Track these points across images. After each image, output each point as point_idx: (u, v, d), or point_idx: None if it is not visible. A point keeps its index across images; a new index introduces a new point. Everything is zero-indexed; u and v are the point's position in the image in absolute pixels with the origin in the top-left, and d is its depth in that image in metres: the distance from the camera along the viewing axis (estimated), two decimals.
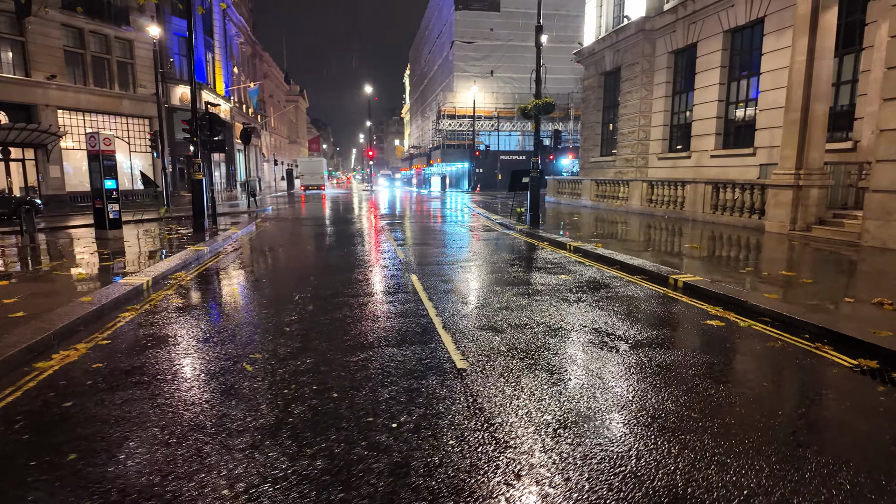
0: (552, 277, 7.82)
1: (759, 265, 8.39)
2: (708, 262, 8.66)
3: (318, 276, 8.20)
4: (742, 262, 8.63)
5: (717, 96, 17.41)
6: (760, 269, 8.03)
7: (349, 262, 9.37)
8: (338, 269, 8.84)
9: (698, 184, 15.22)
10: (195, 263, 9.30)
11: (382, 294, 6.81)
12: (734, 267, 8.15)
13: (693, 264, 8.34)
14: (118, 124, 32.72)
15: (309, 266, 9.33)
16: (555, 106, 14.05)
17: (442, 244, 11.72)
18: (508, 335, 5.02)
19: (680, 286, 7.03)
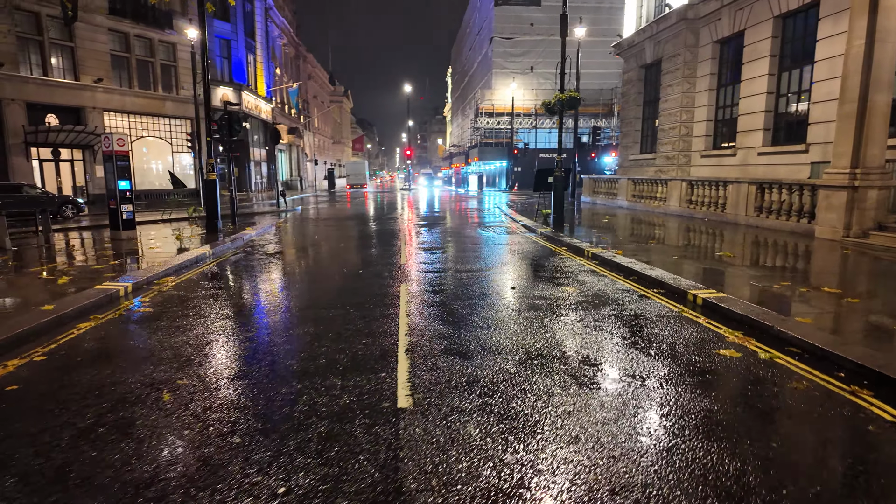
0: (556, 290, 7.04)
1: (799, 278, 7.32)
2: (740, 273, 7.66)
3: (304, 284, 7.72)
4: (780, 275, 7.57)
5: (766, 88, 15.96)
6: (800, 283, 6.97)
7: (344, 268, 8.87)
8: (328, 276, 8.35)
9: (741, 184, 13.93)
10: (191, 267, 9.03)
11: (359, 308, 6.24)
12: (770, 280, 7.13)
13: (722, 276, 7.36)
14: (161, 125, 33.67)
15: (301, 271, 8.88)
16: (580, 100, 13.12)
17: (450, 248, 11.07)
18: (476, 363, 4.34)
19: (699, 304, 6.13)
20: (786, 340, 4.79)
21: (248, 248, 11.39)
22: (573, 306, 6.16)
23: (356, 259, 9.90)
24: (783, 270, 7.97)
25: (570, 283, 7.44)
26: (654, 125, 22.20)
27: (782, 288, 6.62)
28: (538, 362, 4.35)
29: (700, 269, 8.04)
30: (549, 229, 13.20)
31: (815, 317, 5.36)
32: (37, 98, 26.47)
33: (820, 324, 5.10)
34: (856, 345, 4.46)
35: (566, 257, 9.74)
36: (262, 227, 15.03)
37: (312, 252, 11.03)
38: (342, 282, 7.77)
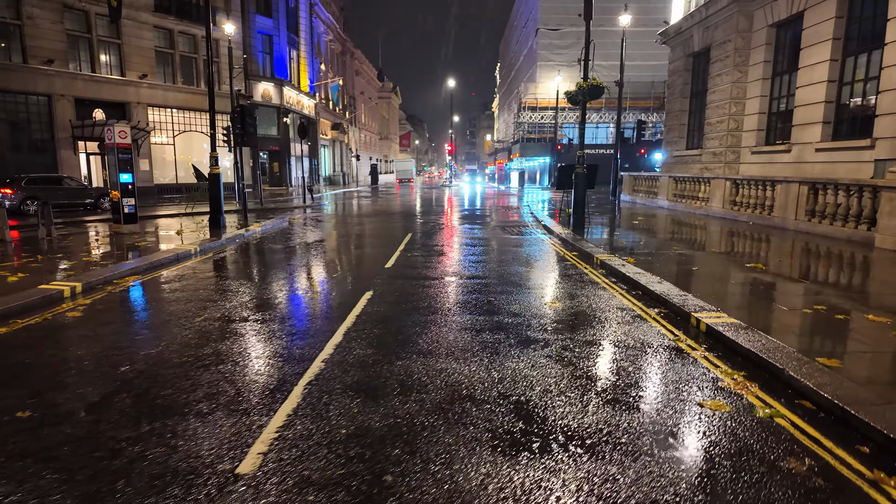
0: (539, 305, 6.04)
1: (842, 300, 6.00)
2: (771, 291, 6.39)
3: (260, 291, 7.05)
4: (820, 294, 6.25)
5: (827, 76, 14.10)
6: (842, 306, 5.67)
7: (322, 273, 8.17)
8: (293, 283, 7.66)
9: (791, 184, 12.28)
10: (168, 266, 8.57)
11: (294, 326, 5.48)
12: (806, 300, 5.86)
13: (746, 294, 6.13)
14: (204, 120, 34.28)
15: (269, 278, 8.23)
16: (604, 89, 11.88)
17: (450, 251, 10.18)
18: (379, 406, 3.47)
19: (702, 330, 5.01)
20: (798, 391, 3.65)
21: (243, 246, 10.91)
22: (546, 328, 5.16)
23: (338, 262, 9.19)
24: (825, 288, 6.62)
25: (560, 297, 6.41)
26: (702, 119, 20.39)
27: (816, 313, 5.36)
28: (457, 409, 3.44)
29: (722, 284, 6.81)
30: (568, 231, 12.07)
31: (849, 358, 4.16)
32: (84, 94, 27.37)
33: (852, 369, 3.91)
34: (891, 404, 3.28)
35: (571, 264, 8.66)
36: (271, 223, 14.63)
37: (299, 252, 10.40)
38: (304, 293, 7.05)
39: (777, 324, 5.02)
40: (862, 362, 4.10)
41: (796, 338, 4.62)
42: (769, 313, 5.35)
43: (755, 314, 5.29)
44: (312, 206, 21.97)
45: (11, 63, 24.66)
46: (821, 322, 5.06)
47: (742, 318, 5.11)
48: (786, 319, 5.17)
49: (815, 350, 4.29)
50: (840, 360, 4.01)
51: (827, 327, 4.92)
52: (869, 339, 4.59)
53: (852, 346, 4.50)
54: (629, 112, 45.34)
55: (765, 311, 5.44)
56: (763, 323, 5.00)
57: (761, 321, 5.05)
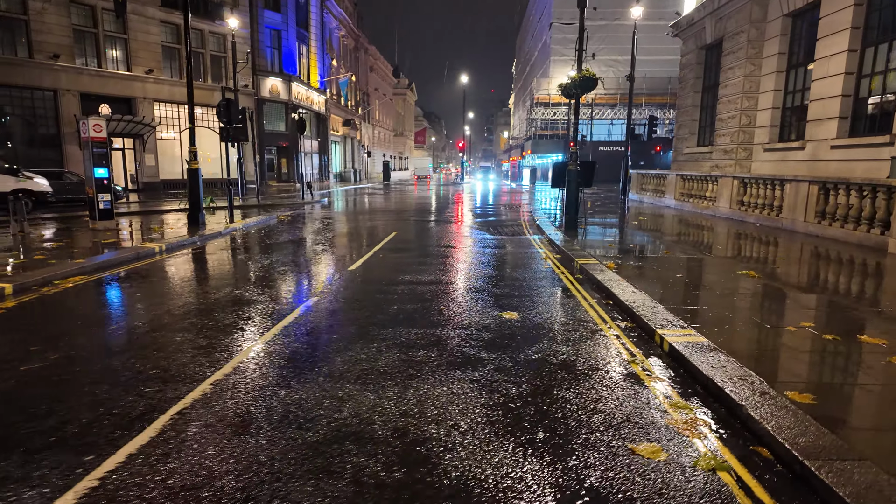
0: (493, 315, 5.44)
1: (836, 318, 5.28)
2: (756, 304, 5.69)
3: (199, 296, 6.56)
4: (810, 311, 5.54)
5: (845, 68, 13.15)
6: (834, 325, 4.97)
7: (276, 277, 7.67)
8: (239, 286, 7.17)
9: (800, 183, 11.43)
10: (123, 264, 8.16)
11: (206, 340, 4.98)
12: (792, 317, 5.17)
13: (726, 308, 5.44)
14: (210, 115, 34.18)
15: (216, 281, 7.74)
16: (597, 81, 11.15)
17: (424, 252, 9.61)
18: (242, 449, 2.93)
19: (665, 350, 4.36)
20: (755, 434, 3.01)
21: (213, 245, 10.49)
22: (490, 345, 4.56)
23: (304, 267, 8.68)
24: (822, 301, 5.90)
25: (520, 307, 5.79)
26: (713, 115, 19.46)
27: (803, 332, 4.66)
28: (333, 452, 2.87)
29: (706, 294, 6.12)
30: (559, 232, 11.40)
31: (827, 392, 3.49)
32: (90, 88, 27.38)
33: (828, 407, 3.24)
34: (872, 461, 2.62)
35: (549, 269, 8.02)
36: (256, 220, 14.22)
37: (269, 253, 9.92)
38: (229, 317, 6.54)
39: (754, 345, 4.35)
40: (842, 398, 3.43)
41: (771, 364, 3.95)
42: (749, 331, 4.67)
43: (732, 332, 4.62)
44: (310, 204, 21.58)
45: (17, 58, 24.72)
46: (806, 344, 4.37)
47: (715, 336, 4.45)
48: (766, 339, 4.49)
49: (789, 380, 3.62)
50: (815, 395, 3.34)
51: (811, 350, 4.23)
52: (857, 368, 3.90)
53: (835, 375, 3.82)
54: (645, 108, 44.21)
55: (745, 328, 4.76)
56: (737, 344, 4.33)
57: (736, 341, 4.39)
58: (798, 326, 4.78)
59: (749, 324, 4.87)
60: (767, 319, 5.04)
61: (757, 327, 4.77)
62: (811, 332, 4.63)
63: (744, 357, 3.99)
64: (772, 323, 4.92)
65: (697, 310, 5.32)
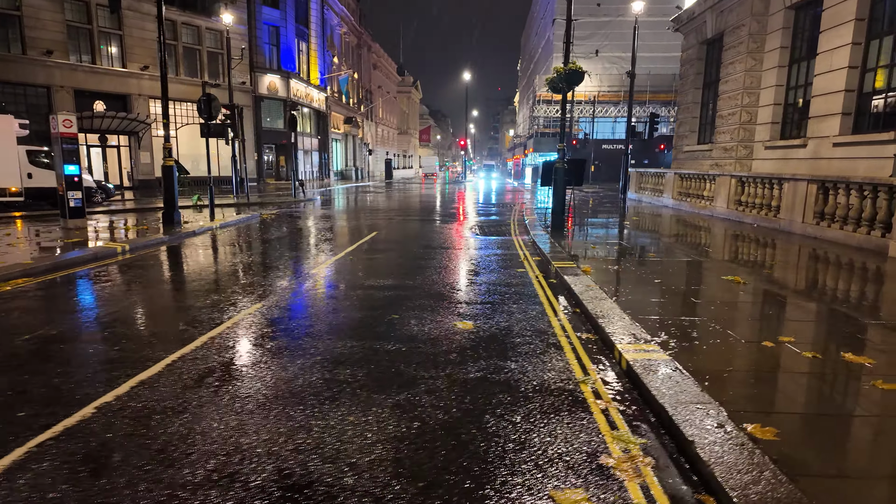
0: (446, 323, 5.00)
1: (821, 331, 4.79)
2: (734, 315, 5.20)
3: (143, 298, 6.15)
4: (793, 323, 5.06)
5: (848, 62, 12.55)
6: (817, 341, 4.48)
7: (230, 281, 7.26)
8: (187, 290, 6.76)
9: (798, 182, 10.88)
10: (78, 265, 7.79)
11: (122, 349, 4.57)
12: (772, 331, 4.68)
13: (699, 320, 4.96)
14: None
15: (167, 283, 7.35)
16: (584, 74, 10.64)
17: (398, 253, 9.18)
18: (94, 492, 2.51)
19: (623, 368, 3.90)
20: (703, 478, 2.54)
21: (181, 245, 10.11)
22: (432, 361, 4.11)
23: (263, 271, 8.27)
24: (809, 311, 5.40)
25: (479, 314, 5.34)
26: (715, 112, 18.86)
27: (780, 348, 4.17)
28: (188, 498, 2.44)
29: (683, 302, 5.63)
30: (544, 232, 10.93)
31: (793, 424, 3.01)
32: (85, 85, 27.15)
33: (791, 443, 2.76)
34: None
35: (523, 272, 7.55)
36: (236, 219, 13.84)
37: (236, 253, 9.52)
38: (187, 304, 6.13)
39: (722, 364, 3.87)
40: (811, 433, 2.95)
41: (736, 387, 3.47)
42: (720, 347, 4.19)
43: (701, 347, 4.14)
44: (300, 202, 21.20)
45: (10, 54, 24.49)
46: (781, 363, 3.89)
47: (681, 352, 3.98)
48: (738, 357, 4.01)
49: (753, 409, 3.14)
50: (780, 429, 2.87)
51: (785, 371, 3.74)
52: (834, 394, 3.42)
53: (807, 403, 3.34)
54: (649, 105, 43.51)
55: (717, 342, 4.28)
56: (704, 362, 3.85)
57: (703, 359, 3.91)
58: (777, 341, 4.29)
59: (722, 338, 4.39)
60: (744, 333, 4.55)
61: (730, 342, 4.29)
62: (790, 348, 4.14)
63: (707, 378, 3.52)
64: (748, 337, 4.43)
65: (669, 320, 4.84)
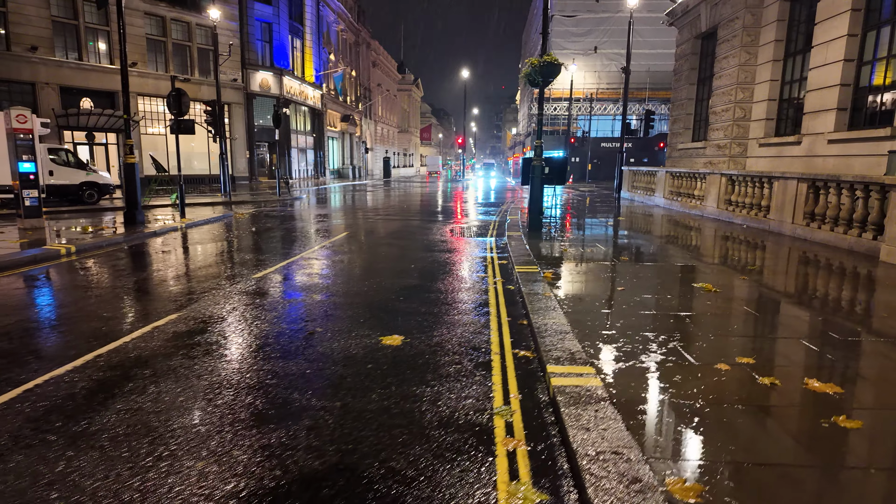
0: (368, 338, 4.47)
1: (789, 352, 4.23)
2: (695, 329, 4.65)
3: (60, 308, 5.66)
4: (757, 341, 4.51)
5: (844, 54, 11.94)
6: (779, 364, 3.93)
7: (166, 286, 6.76)
8: (113, 295, 6.26)
9: (788, 180, 10.28)
10: (12, 268, 7.30)
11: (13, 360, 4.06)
12: (732, 350, 4.12)
13: (653, 335, 4.41)
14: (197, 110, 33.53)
15: (95, 291, 6.85)
16: (560, 67, 10.06)
17: (356, 256, 8.65)
18: None
19: (551, 395, 3.36)
20: None
21: (135, 246, 9.62)
22: (331, 383, 3.58)
23: (207, 276, 7.76)
24: (780, 326, 4.84)
25: (415, 327, 4.81)
26: (708, 107, 18.25)
27: (738, 372, 3.62)
28: None
29: (642, 312, 5.07)
30: (519, 234, 10.38)
31: (727, 478, 2.46)
32: (71, 82, 26.75)
33: (713, 495, 2.22)
34: None
35: (483, 277, 7.01)
36: (206, 219, 13.35)
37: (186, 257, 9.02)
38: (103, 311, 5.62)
39: (661, 393, 3.32)
40: (747, 492, 2.39)
41: (669, 426, 2.92)
42: (667, 370, 3.64)
43: (643, 371, 3.60)
44: (282, 201, 20.70)
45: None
46: (731, 392, 3.33)
47: (620, 377, 3.44)
48: (683, 383, 3.46)
49: (682, 457, 2.60)
50: (709, 486, 2.32)
51: (733, 403, 3.18)
52: (785, 436, 2.87)
53: (749, 448, 2.77)
54: (649, 102, 42.81)
55: (665, 364, 3.73)
56: (642, 389, 3.31)
57: (642, 386, 3.37)
58: (734, 363, 3.73)
59: (675, 358, 3.84)
60: (701, 352, 3.99)
61: (682, 365, 3.74)
62: (747, 371, 3.58)
63: (640, 412, 2.98)
64: (704, 357, 3.87)
65: (621, 336, 4.29)
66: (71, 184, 17.47)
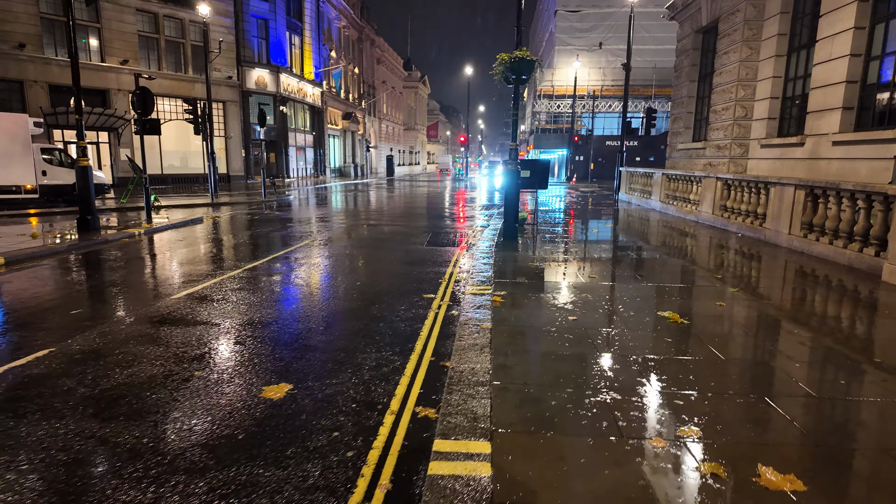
0: (246, 389, 3.75)
1: (756, 411, 3.43)
2: (639, 382, 3.87)
3: None
4: (721, 396, 3.71)
5: (850, 49, 11.00)
6: (742, 431, 3.14)
7: (87, 300, 6.09)
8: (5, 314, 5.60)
9: (785, 187, 9.40)
10: None
11: None
12: (682, 413, 3.34)
13: (582, 390, 3.64)
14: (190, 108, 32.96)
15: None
16: (534, 62, 9.21)
17: (302, 272, 7.94)
18: None
19: (421, 489, 2.61)
20: None
21: (78, 257, 8.99)
22: (157, 464, 2.87)
23: (129, 292, 7.09)
24: (757, 374, 4.05)
25: (314, 371, 4.08)
26: (708, 106, 17.31)
27: (676, 451, 2.85)
28: None
29: (587, 356, 4.30)
30: (492, 244, 9.60)
31: None
32: (60, 80, 26.34)
33: None
34: None
35: (429, 299, 6.25)
36: (177, 222, 12.72)
37: (125, 271, 8.36)
38: None
39: (561, 491, 2.56)
40: None
41: None
42: (581, 449, 2.87)
43: (549, 453, 2.84)
44: (265, 203, 20.05)
45: None
46: (658, 489, 2.56)
47: (521, 457, 2.68)
48: (596, 471, 2.69)
49: None
50: None
51: (636, 493, 2.42)
52: None
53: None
54: (655, 100, 41.71)
55: (582, 438, 2.96)
56: (539, 479, 2.55)
57: (538, 476, 2.61)
58: (673, 437, 2.96)
59: (596, 427, 3.06)
60: (636, 420, 3.21)
61: (605, 438, 2.96)
62: (682, 456, 2.80)
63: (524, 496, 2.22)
64: (635, 429, 3.08)
65: (545, 393, 3.52)
66: (65, 184, 17.15)
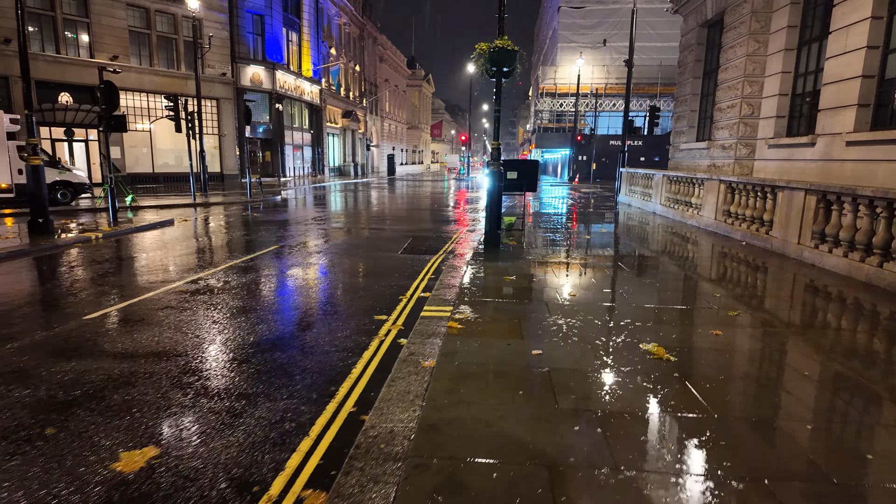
0: (100, 463, 2.95)
1: (742, 491, 2.58)
2: (609, 441, 3.03)
3: None
4: (695, 479, 2.86)
5: (867, 40, 10.06)
6: None
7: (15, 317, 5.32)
8: None
9: (795, 192, 8.49)
10: None
11: None
12: (647, 483, 2.50)
13: (523, 459, 2.80)
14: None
15: None
16: (515, 53, 8.33)
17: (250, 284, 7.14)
18: None
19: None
20: None
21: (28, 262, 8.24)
22: None
23: (47, 309, 6.32)
24: (739, 438, 3.20)
25: (198, 427, 3.27)
26: (713, 103, 16.37)
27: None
28: None
29: (541, 407, 3.46)
30: (468, 255, 8.76)
31: None
32: (48, 76, 25.73)
33: None
34: None
35: (380, 322, 5.42)
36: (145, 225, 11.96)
37: (60, 281, 7.59)
38: None
39: None
40: None
41: None
42: None
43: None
44: (248, 204, 19.28)
45: None
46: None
47: None
48: None
49: None
50: None
51: None
52: None
53: None
54: (660, 98, 40.69)
55: None
56: None
57: None
58: None
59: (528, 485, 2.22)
60: (589, 495, 2.37)
61: None
62: None
63: None
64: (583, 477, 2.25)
65: (468, 478, 2.69)
66: None
